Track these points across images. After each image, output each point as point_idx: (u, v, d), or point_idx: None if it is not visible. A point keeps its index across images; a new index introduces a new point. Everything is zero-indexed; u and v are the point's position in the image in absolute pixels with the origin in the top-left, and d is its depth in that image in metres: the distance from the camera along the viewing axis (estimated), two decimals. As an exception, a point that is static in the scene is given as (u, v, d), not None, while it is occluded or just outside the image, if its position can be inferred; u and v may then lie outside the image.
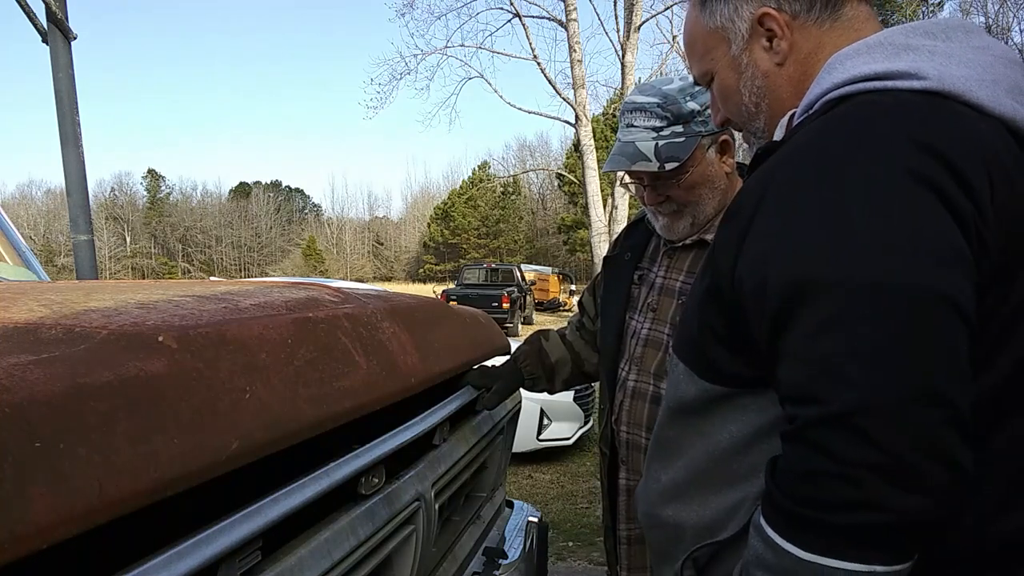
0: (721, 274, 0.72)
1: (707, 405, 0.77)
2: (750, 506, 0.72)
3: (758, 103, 0.84)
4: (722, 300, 0.73)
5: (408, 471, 1.11)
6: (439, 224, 54.18)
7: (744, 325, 0.70)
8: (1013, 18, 22.61)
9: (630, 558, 1.37)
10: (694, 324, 0.79)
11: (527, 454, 5.08)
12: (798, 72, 0.80)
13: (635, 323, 1.37)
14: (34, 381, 0.52)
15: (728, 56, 0.84)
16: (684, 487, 0.80)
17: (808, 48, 0.80)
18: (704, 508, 0.77)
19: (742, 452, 0.74)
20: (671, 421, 0.83)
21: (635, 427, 1.32)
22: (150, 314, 0.76)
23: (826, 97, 0.72)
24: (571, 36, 11.59)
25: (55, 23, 3.10)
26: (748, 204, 0.70)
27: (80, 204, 3.23)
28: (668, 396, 0.84)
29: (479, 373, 1.42)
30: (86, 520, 0.50)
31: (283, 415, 0.75)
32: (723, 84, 0.86)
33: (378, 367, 1.02)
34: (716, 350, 0.75)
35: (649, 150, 1.24)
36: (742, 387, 0.73)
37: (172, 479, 0.58)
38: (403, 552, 1.08)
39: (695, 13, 0.87)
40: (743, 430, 0.73)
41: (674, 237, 1.34)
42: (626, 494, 1.36)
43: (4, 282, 1.67)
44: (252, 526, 0.66)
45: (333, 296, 1.15)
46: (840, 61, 0.73)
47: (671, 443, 0.83)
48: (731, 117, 0.89)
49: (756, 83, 0.83)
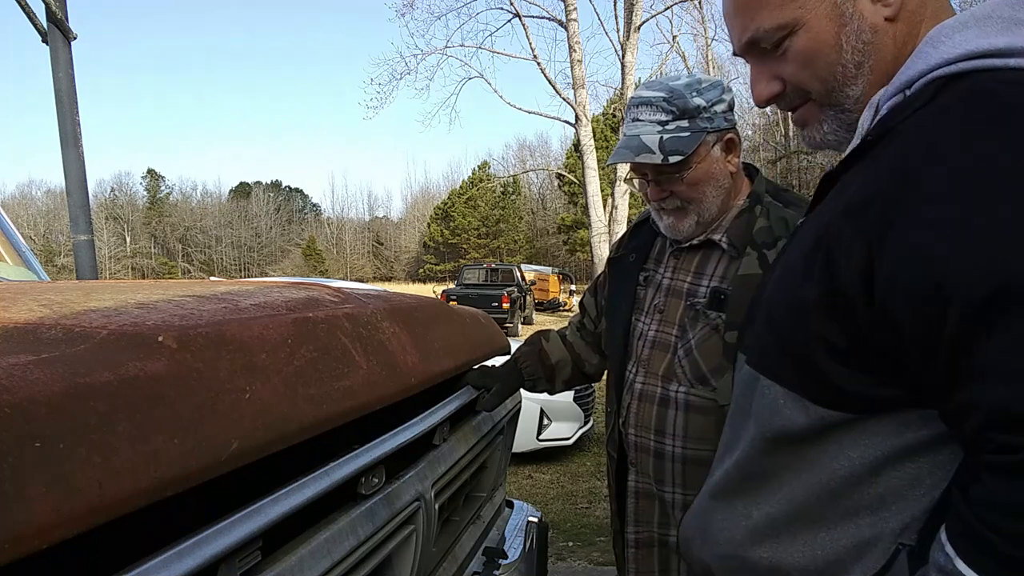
0: (845, 280, 0.61)
1: (821, 432, 0.66)
2: (886, 546, 0.63)
3: (860, 63, 0.70)
4: (848, 310, 0.61)
5: (408, 471, 1.11)
6: (439, 224, 54.18)
7: (887, 336, 0.59)
8: (1013, 18, 22.55)
9: (638, 562, 1.36)
10: (797, 339, 0.67)
11: (527, 454, 5.08)
12: (904, 32, 0.69)
13: (642, 325, 1.36)
14: (34, 381, 0.52)
15: (827, 3, 0.69)
16: (784, 524, 0.69)
17: (914, 5, 0.69)
18: (812, 547, 0.67)
19: (865, 482, 0.64)
20: (765, 453, 0.72)
21: (643, 429, 1.31)
22: (150, 314, 0.76)
23: (933, 74, 0.63)
24: (571, 36, 11.60)
25: (55, 23, 3.10)
26: (881, 200, 0.60)
27: (80, 204, 3.23)
28: (760, 424, 0.72)
29: (479, 373, 1.41)
30: (86, 520, 0.50)
31: (283, 415, 0.75)
32: (815, 39, 0.71)
33: (378, 367, 1.02)
34: (837, 370, 0.64)
35: (653, 143, 1.23)
36: (868, 411, 0.63)
37: (172, 479, 0.58)
38: (403, 552, 1.08)
39: None
40: (867, 457, 0.63)
41: (679, 236, 1.32)
42: (635, 497, 1.35)
43: (4, 282, 1.67)
44: (252, 526, 0.66)
45: (333, 296, 1.15)
46: (947, 34, 0.64)
47: (766, 475, 0.72)
48: (811, 82, 0.74)
49: (863, 38, 0.70)
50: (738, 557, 0.74)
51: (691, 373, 1.26)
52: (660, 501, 1.31)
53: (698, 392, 1.25)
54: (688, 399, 1.26)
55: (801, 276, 0.67)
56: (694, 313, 1.27)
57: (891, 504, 0.62)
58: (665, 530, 1.32)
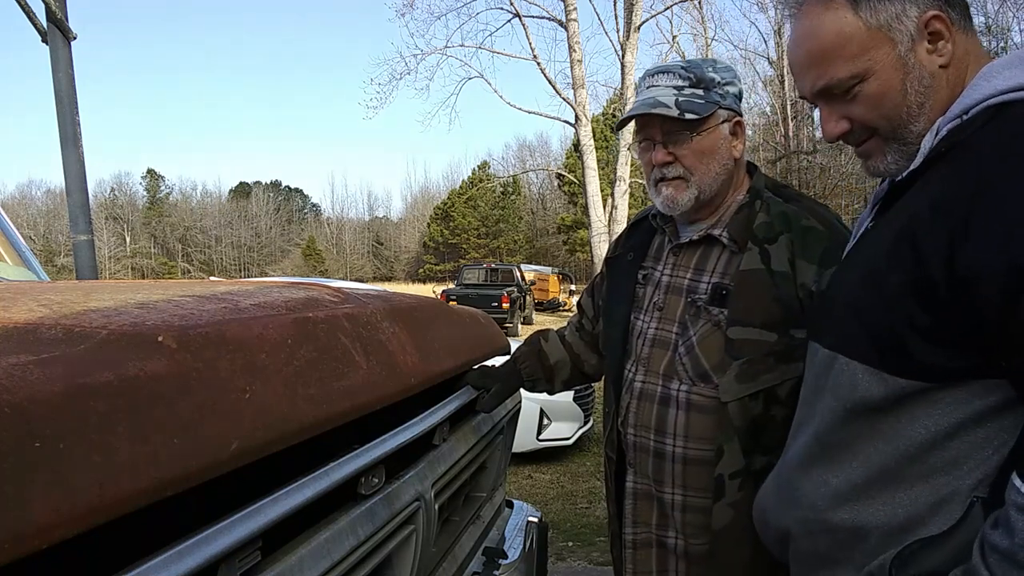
0: (931, 267, 0.72)
1: (897, 402, 0.76)
2: (964, 500, 0.72)
3: (922, 103, 0.85)
4: (933, 292, 0.72)
5: (408, 471, 1.11)
6: (439, 224, 54.18)
7: (966, 312, 0.70)
8: (1013, 18, 22.61)
9: (636, 563, 1.35)
10: (883, 321, 0.78)
11: (527, 454, 5.08)
12: (955, 75, 0.84)
13: (641, 323, 1.35)
14: (34, 381, 0.52)
15: (893, 55, 0.84)
16: (865, 487, 0.79)
17: (961, 53, 0.84)
18: (893, 507, 0.77)
19: (940, 446, 0.74)
20: (844, 423, 0.82)
21: (642, 429, 1.30)
22: (150, 314, 0.76)
23: (987, 103, 0.76)
24: (571, 36, 11.60)
25: (55, 23, 3.10)
26: (961, 198, 0.72)
27: (80, 204, 3.23)
28: (840, 398, 0.82)
29: (479, 374, 1.41)
30: (86, 520, 0.50)
31: (283, 415, 0.75)
32: (884, 85, 0.85)
33: (378, 367, 1.02)
34: (920, 345, 0.74)
35: (670, 101, 1.24)
36: (942, 380, 0.73)
37: (172, 479, 0.58)
38: (403, 552, 1.08)
39: (844, 13, 0.85)
40: (941, 424, 0.73)
41: (676, 210, 1.30)
42: (633, 498, 1.34)
43: (4, 282, 1.67)
44: (252, 526, 0.66)
45: (333, 296, 1.15)
46: (998, 70, 0.78)
47: (845, 445, 0.82)
48: (878, 120, 0.87)
49: (924, 82, 0.84)
50: (819, 520, 0.83)
51: (692, 370, 1.25)
52: (659, 502, 1.30)
53: (700, 390, 1.24)
54: (690, 397, 1.25)
55: (886, 266, 0.79)
56: (695, 310, 1.27)
57: (963, 464, 0.72)
58: (663, 531, 1.31)
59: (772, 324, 1.17)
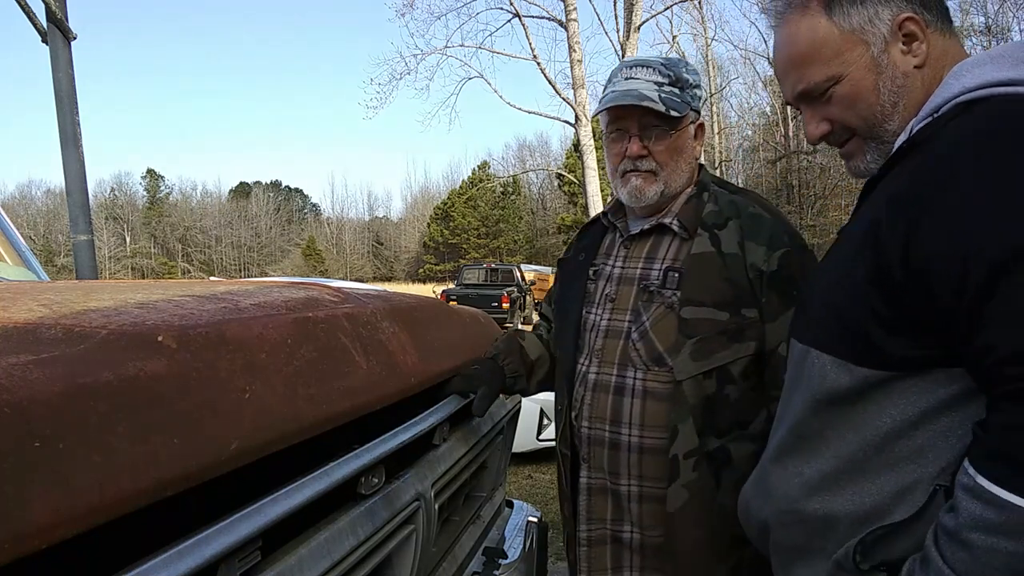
0: (889, 256, 0.74)
1: (863, 392, 0.78)
2: (925, 488, 0.73)
3: (896, 103, 0.87)
4: (891, 282, 0.74)
5: (408, 471, 1.11)
6: (439, 224, 54.19)
7: (924, 301, 0.72)
8: (1013, 18, 22.62)
9: (590, 560, 1.34)
10: (847, 312, 0.80)
11: (527, 454, 5.07)
12: (930, 75, 0.86)
13: (593, 317, 1.36)
14: (34, 381, 0.52)
15: (866, 56, 0.87)
16: (835, 477, 0.81)
17: (937, 53, 0.86)
18: (861, 496, 0.78)
19: (905, 435, 0.75)
20: (815, 415, 0.84)
21: (597, 421, 1.30)
22: (150, 314, 0.76)
23: (957, 100, 0.78)
24: (571, 36, 11.60)
25: (55, 23, 3.10)
26: (918, 190, 0.74)
27: (80, 204, 3.23)
28: (810, 389, 0.85)
29: (461, 379, 1.37)
30: (86, 520, 0.50)
31: (283, 415, 0.75)
32: (857, 86, 0.88)
33: (378, 367, 1.02)
34: (881, 335, 0.76)
35: (654, 95, 1.27)
36: (906, 370, 0.75)
37: (172, 479, 0.58)
38: (403, 552, 1.08)
39: (818, 19, 0.89)
40: (906, 413, 0.75)
41: (640, 203, 1.33)
42: (587, 494, 1.33)
43: (4, 282, 1.67)
44: (252, 526, 0.66)
45: (333, 296, 1.15)
46: (968, 68, 0.80)
47: (816, 436, 0.84)
48: (854, 120, 0.90)
49: (896, 83, 0.86)
50: (793, 511, 0.84)
51: (646, 355, 1.25)
52: (614, 496, 1.30)
53: (654, 376, 1.24)
54: (645, 384, 1.25)
55: (853, 259, 0.81)
56: (647, 295, 1.28)
57: (928, 453, 0.74)
58: (618, 526, 1.30)
59: (724, 303, 1.20)
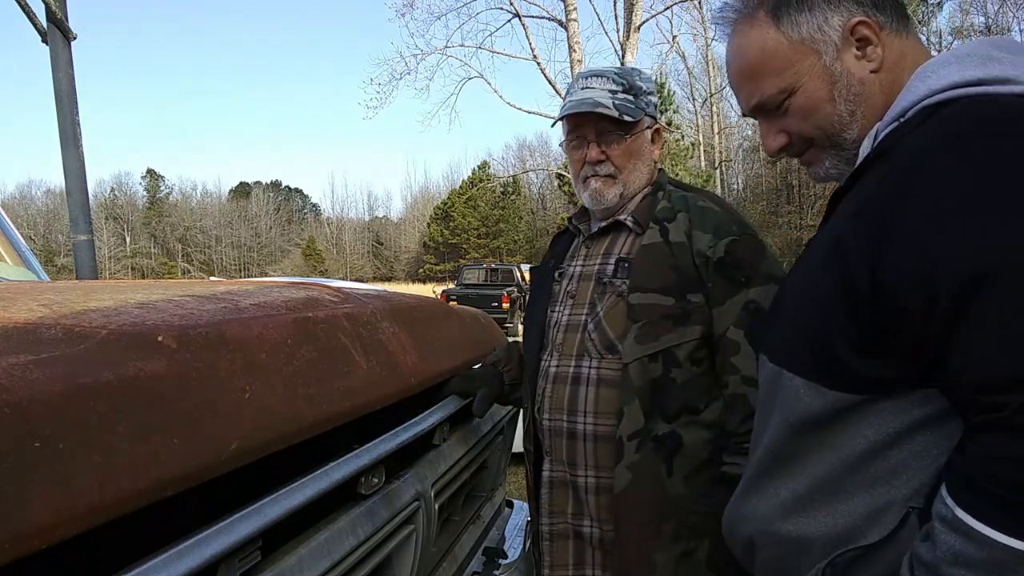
0: (856, 275, 0.70)
1: (837, 415, 0.75)
2: (898, 510, 0.70)
3: (853, 111, 0.84)
4: (859, 302, 0.70)
5: (408, 471, 1.11)
6: (439, 224, 54.19)
7: (892, 322, 0.68)
8: (1013, 18, 22.62)
9: (552, 555, 1.34)
10: (817, 333, 0.76)
11: (527, 454, 5.07)
12: (888, 79, 0.83)
13: (556, 314, 1.40)
14: (34, 381, 0.52)
15: (819, 66, 0.84)
16: (809, 498, 0.78)
17: (894, 56, 0.83)
18: (834, 517, 0.75)
19: (880, 456, 0.72)
20: (791, 438, 0.81)
21: (556, 412, 1.32)
22: (150, 314, 0.76)
23: (923, 103, 0.75)
24: (571, 36, 11.60)
25: (55, 23, 3.10)
26: (884, 204, 0.70)
27: (80, 204, 3.23)
28: (784, 412, 0.82)
29: (462, 379, 1.41)
30: (86, 520, 0.50)
31: (283, 415, 0.75)
32: (812, 96, 0.85)
33: (378, 367, 1.02)
34: (852, 356, 0.72)
35: (608, 102, 1.33)
36: (880, 392, 0.72)
37: (172, 479, 0.58)
38: (403, 552, 1.08)
39: (767, 30, 0.86)
40: (881, 433, 0.72)
41: (600, 206, 1.39)
42: (549, 487, 1.35)
43: (4, 282, 1.67)
44: (252, 526, 0.66)
45: (333, 296, 1.15)
46: (932, 70, 0.77)
47: (792, 458, 0.81)
48: (811, 131, 0.87)
49: (852, 90, 0.83)
50: (770, 532, 0.83)
51: (600, 343, 1.29)
52: (574, 488, 1.31)
53: (607, 363, 1.28)
54: (599, 373, 1.29)
55: (820, 276, 0.77)
56: (601, 287, 1.33)
57: (902, 474, 0.71)
58: (579, 520, 1.31)
59: (669, 289, 1.25)
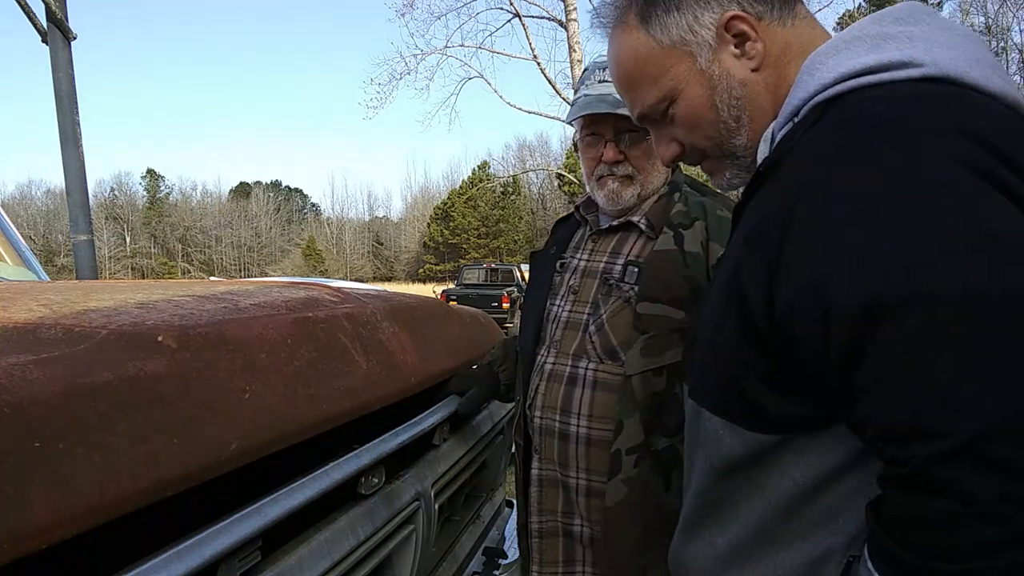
0: (754, 308, 0.64)
1: (761, 457, 0.68)
2: (840, 558, 0.63)
3: (739, 116, 0.76)
4: (760, 336, 0.64)
5: (408, 471, 1.11)
6: (439, 224, 54.21)
7: (793, 358, 0.61)
8: (1013, 18, 22.63)
9: (542, 552, 1.33)
10: (727, 370, 0.69)
11: (527, 454, 5.07)
12: (774, 76, 0.75)
13: (556, 308, 1.36)
14: (34, 381, 0.52)
15: (694, 70, 0.76)
16: (748, 549, 0.70)
17: (777, 50, 0.75)
18: (775, 569, 0.68)
19: (812, 499, 0.65)
20: (718, 481, 0.74)
21: (548, 410, 1.30)
22: (150, 314, 0.76)
23: (814, 100, 0.66)
24: (571, 36, 11.59)
25: (55, 23, 3.10)
26: (771, 226, 0.62)
27: (80, 204, 3.23)
28: (707, 455, 0.75)
29: (457, 379, 1.41)
30: (86, 520, 0.50)
31: (283, 415, 0.75)
32: (692, 104, 0.77)
33: (378, 367, 1.02)
34: (764, 394, 0.65)
35: None
36: (799, 430, 0.65)
37: (172, 479, 0.58)
38: (403, 552, 1.08)
39: (636, 34, 0.78)
40: (809, 475, 0.65)
41: (618, 206, 1.33)
42: (538, 485, 1.33)
43: (4, 282, 1.67)
44: (252, 526, 0.66)
45: (333, 296, 1.15)
46: (821, 60, 0.67)
47: (722, 502, 0.74)
48: (701, 142, 0.80)
49: (734, 94, 0.75)
50: None
51: (601, 348, 1.26)
52: (564, 488, 1.30)
53: (606, 367, 1.25)
54: (596, 375, 1.25)
55: (723, 309, 0.70)
56: (607, 288, 1.29)
57: (838, 517, 0.64)
58: (569, 519, 1.30)
59: (680, 301, 1.19)
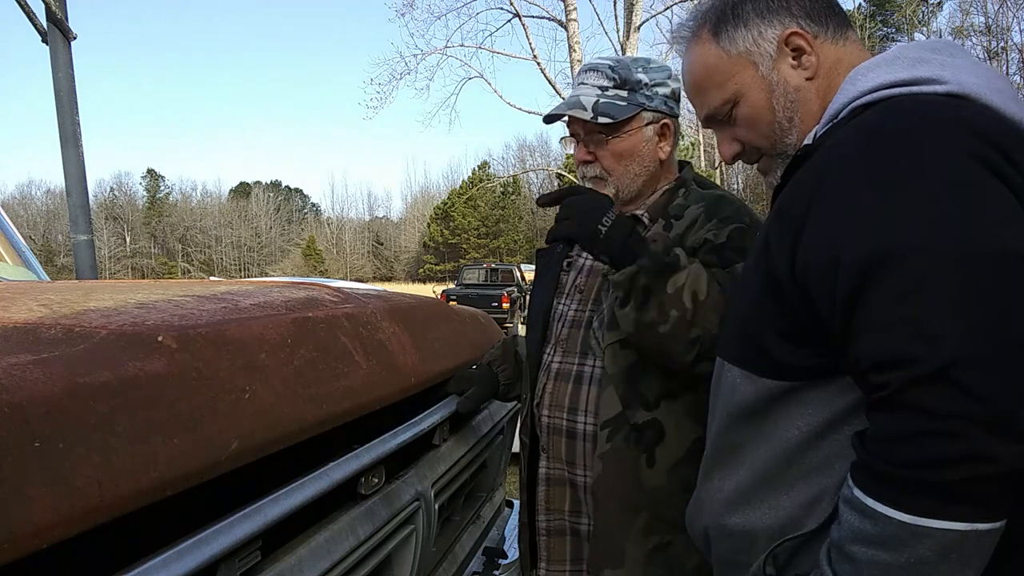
0: (778, 267, 0.75)
1: (769, 404, 0.79)
2: (832, 497, 0.73)
3: (791, 117, 0.89)
4: (781, 292, 0.75)
5: (408, 471, 1.11)
6: (439, 224, 54.22)
7: (809, 311, 0.72)
8: (1013, 18, 22.62)
9: (550, 550, 1.34)
10: (749, 324, 0.82)
11: (527, 454, 5.06)
12: (824, 85, 0.88)
13: (562, 307, 1.37)
14: (34, 381, 0.52)
15: (756, 77, 0.90)
16: (751, 492, 0.81)
17: (829, 63, 0.88)
18: (776, 510, 0.78)
19: (813, 446, 0.75)
20: (730, 428, 0.85)
21: (556, 409, 1.30)
22: (150, 314, 0.76)
23: (853, 104, 0.79)
24: (571, 36, 11.59)
25: (55, 23, 3.10)
26: (800, 198, 0.74)
27: (80, 204, 3.23)
28: (724, 403, 0.86)
29: (459, 379, 1.41)
30: (86, 520, 0.50)
31: (283, 415, 0.75)
32: (753, 105, 0.91)
33: (378, 367, 1.02)
34: (778, 345, 0.77)
35: (589, 103, 1.28)
36: (807, 379, 0.75)
37: (172, 479, 0.58)
38: (403, 552, 1.08)
39: (709, 46, 0.92)
40: (811, 424, 0.75)
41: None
42: (546, 484, 1.33)
43: (4, 282, 1.67)
44: (252, 526, 0.66)
45: (333, 296, 1.15)
46: (863, 73, 0.81)
47: (733, 449, 0.84)
48: (759, 140, 0.93)
49: (789, 98, 0.89)
50: (720, 526, 0.85)
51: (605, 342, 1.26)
52: (571, 486, 1.30)
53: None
54: (602, 373, 1.26)
55: (752, 270, 0.83)
56: (608, 284, 1.28)
57: (835, 463, 0.73)
58: (576, 518, 1.31)
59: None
